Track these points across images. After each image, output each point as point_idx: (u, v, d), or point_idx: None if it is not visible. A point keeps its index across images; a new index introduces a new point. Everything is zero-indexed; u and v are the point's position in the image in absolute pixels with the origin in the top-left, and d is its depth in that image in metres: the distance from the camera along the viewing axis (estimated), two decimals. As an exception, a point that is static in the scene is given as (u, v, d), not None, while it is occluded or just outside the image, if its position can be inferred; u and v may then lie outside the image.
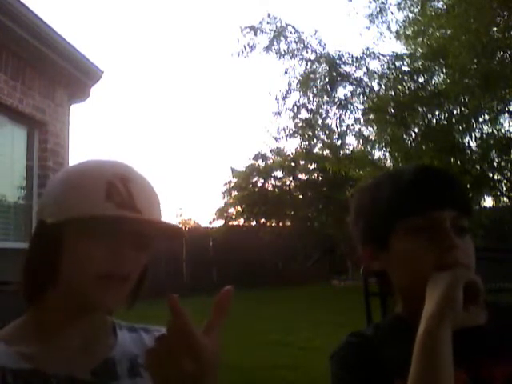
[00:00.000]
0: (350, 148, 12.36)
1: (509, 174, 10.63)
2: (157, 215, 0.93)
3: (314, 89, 10.95)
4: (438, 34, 10.91)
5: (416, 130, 10.88)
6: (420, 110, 10.57)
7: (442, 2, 10.78)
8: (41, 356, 0.87)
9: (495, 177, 10.85)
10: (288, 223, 18.17)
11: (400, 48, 12.30)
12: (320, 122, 11.45)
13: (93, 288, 0.86)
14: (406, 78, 10.63)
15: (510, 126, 23.92)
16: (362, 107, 11.10)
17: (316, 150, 13.49)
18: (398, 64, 10.71)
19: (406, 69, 10.76)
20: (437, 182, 1.03)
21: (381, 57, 10.80)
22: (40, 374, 0.85)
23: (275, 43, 10.97)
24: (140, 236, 0.90)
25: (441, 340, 0.85)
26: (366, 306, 1.55)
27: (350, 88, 11.07)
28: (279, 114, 11.39)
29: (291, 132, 11.79)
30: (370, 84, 10.99)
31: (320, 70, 10.90)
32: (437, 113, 10.79)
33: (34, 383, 0.84)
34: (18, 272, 0.94)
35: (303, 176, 18.30)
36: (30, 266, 0.92)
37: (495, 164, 10.70)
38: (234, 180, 17.90)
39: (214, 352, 0.71)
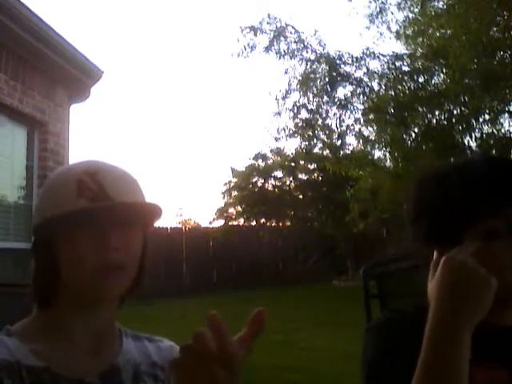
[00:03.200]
0: (350, 148, 12.38)
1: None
2: (133, 198, 0.94)
3: (314, 89, 10.96)
4: (438, 34, 10.92)
5: (416, 130, 10.89)
6: (420, 109, 10.57)
7: (442, 2, 10.80)
8: (52, 355, 0.89)
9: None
10: (288, 223, 18.17)
11: (400, 48, 12.34)
12: (320, 122, 11.46)
13: (90, 281, 0.88)
14: (406, 78, 10.64)
15: (510, 125, 23.90)
16: (362, 107, 11.12)
17: (316, 150, 13.50)
18: (398, 64, 10.72)
19: (406, 69, 10.78)
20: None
21: (381, 57, 10.82)
22: (51, 373, 0.87)
23: (275, 43, 10.98)
24: (121, 223, 0.90)
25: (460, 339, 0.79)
26: (365, 306, 1.54)
27: (350, 88, 11.10)
28: (279, 114, 11.41)
29: (291, 132, 11.81)
30: (369, 84, 11.00)
31: (320, 70, 10.91)
32: (437, 113, 10.80)
33: (45, 381, 0.86)
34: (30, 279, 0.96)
35: (303, 176, 18.29)
36: (35, 272, 0.94)
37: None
38: (234, 180, 17.89)
39: (242, 360, 0.70)
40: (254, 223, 17.59)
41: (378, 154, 12.08)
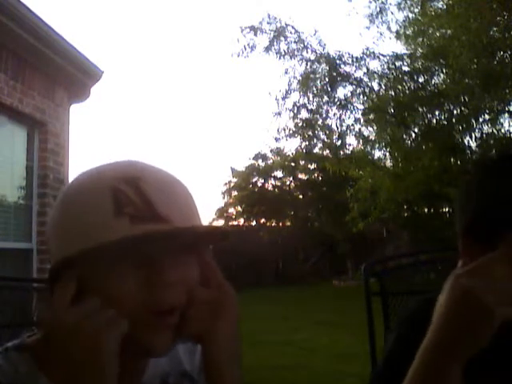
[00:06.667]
0: (350, 148, 12.38)
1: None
2: (188, 215, 0.71)
3: (314, 89, 10.96)
4: (437, 34, 10.92)
5: (416, 130, 10.89)
6: (420, 110, 10.57)
7: (442, 2, 10.80)
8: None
9: (495, 177, 10.84)
10: (288, 223, 18.18)
11: (400, 48, 12.35)
12: (320, 122, 11.46)
13: (136, 334, 0.67)
14: (406, 77, 10.64)
15: (510, 125, 23.93)
16: (362, 107, 11.13)
17: (316, 150, 13.51)
18: (398, 64, 10.73)
19: (406, 69, 10.78)
20: None
21: (381, 57, 10.82)
22: None
23: (275, 43, 10.98)
24: (177, 251, 0.68)
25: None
26: (367, 305, 1.54)
27: (350, 88, 11.11)
28: (279, 114, 11.41)
29: (291, 132, 11.81)
30: (369, 84, 11.00)
31: (320, 69, 10.92)
32: (437, 113, 10.81)
33: None
34: None
35: (303, 176, 18.31)
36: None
37: (495, 164, 10.69)
38: (234, 180, 17.91)
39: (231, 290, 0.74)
40: (253, 223, 17.61)
41: (377, 154, 12.11)
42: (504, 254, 0.74)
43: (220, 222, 17.10)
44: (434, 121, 10.82)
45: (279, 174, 18.34)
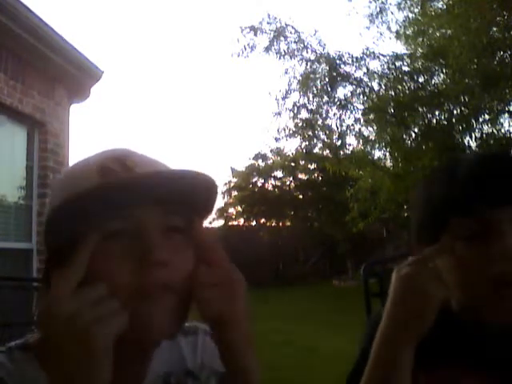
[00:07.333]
0: (350, 148, 12.39)
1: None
2: None
3: (314, 89, 10.96)
4: (437, 34, 10.92)
5: (416, 130, 10.89)
6: (420, 110, 10.57)
7: (441, 2, 10.80)
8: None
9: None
10: (288, 223, 18.18)
11: (400, 48, 12.35)
12: (320, 122, 11.46)
13: (136, 312, 0.64)
14: (406, 78, 10.64)
15: (510, 125, 23.93)
16: (362, 107, 11.12)
17: (316, 150, 13.51)
18: (398, 64, 10.72)
19: (406, 69, 10.78)
20: (498, 173, 0.84)
21: (381, 57, 10.82)
22: None
23: (275, 43, 10.98)
24: (168, 214, 0.70)
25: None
26: (366, 306, 1.54)
27: (350, 88, 11.10)
28: (279, 114, 11.41)
29: (291, 132, 11.80)
30: (369, 84, 11.00)
31: (320, 70, 10.91)
32: (437, 113, 10.80)
33: None
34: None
35: (303, 176, 18.31)
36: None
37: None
38: (234, 180, 17.91)
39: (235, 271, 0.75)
40: (254, 223, 17.61)
41: (378, 154, 12.11)
42: (444, 246, 0.83)
43: (220, 222, 17.11)
44: (434, 121, 10.82)
45: (279, 174, 18.36)
